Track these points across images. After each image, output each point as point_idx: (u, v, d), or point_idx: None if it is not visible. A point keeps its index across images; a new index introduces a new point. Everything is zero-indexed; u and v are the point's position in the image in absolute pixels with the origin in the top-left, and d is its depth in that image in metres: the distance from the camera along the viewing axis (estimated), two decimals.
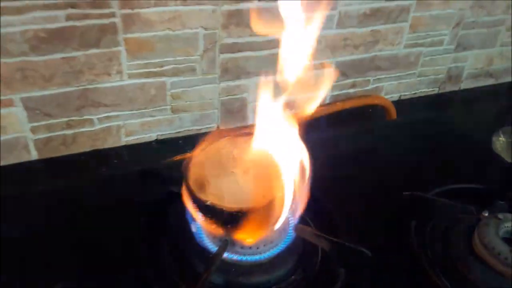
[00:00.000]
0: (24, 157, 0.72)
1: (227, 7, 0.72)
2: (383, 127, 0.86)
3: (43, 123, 0.70)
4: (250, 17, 0.72)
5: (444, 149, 0.79)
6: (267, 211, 0.45)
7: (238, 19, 0.73)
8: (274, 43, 0.79)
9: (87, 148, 0.76)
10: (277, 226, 0.46)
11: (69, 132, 0.73)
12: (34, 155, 0.73)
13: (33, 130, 0.70)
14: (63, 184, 0.67)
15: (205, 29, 0.73)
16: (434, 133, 0.83)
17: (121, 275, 0.50)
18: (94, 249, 0.54)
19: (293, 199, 0.46)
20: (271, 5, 0.73)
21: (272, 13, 0.74)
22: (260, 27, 0.55)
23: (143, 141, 0.80)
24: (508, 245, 0.51)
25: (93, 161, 0.74)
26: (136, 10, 0.67)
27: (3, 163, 0.71)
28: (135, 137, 0.79)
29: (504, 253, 0.51)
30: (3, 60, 0.63)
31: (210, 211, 0.45)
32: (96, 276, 0.51)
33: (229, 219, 0.45)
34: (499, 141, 0.78)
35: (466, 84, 1.05)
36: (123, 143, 0.79)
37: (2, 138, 0.69)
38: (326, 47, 0.84)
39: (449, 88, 1.04)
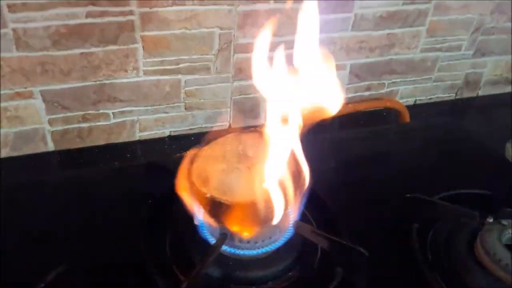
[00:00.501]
0: (41, 148, 0.75)
1: (243, 7, 0.73)
2: (395, 130, 0.86)
3: (60, 115, 0.73)
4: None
5: (456, 154, 0.78)
6: (263, 205, 0.46)
7: (254, 20, 0.75)
8: (288, 44, 0.80)
9: (102, 142, 0.78)
10: (275, 221, 0.47)
11: (85, 125, 0.76)
12: (51, 146, 0.76)
13: (51, 122, 0.73)
14: (76, 175, 0.69)
15: (221, 28, 0.74)
16: (447, 138, 0.82)
17: (122, 263, 0.52)
18: (98, 237, 0.56)
19: (291, 195, 0.47)
20: (285, 6, 0.75)
21: (286, 15, 0.76)
22: None
23: (156, 136, 0.82)
24: (510, 252, 0.51)
25: (107, 154, 0.77)
26: (154, 9, 0.69)
27: (21, 153, 0.74)
28: (149, 133, 0.81)
29: (505, 259, 0.50)
30: (25, 54, 0.66)
31: (208, 203, 0.46)
32: (97, 262, 0.52)
33: (227, 212, 0.46)
34: None
35: (484, 91, 1.04)
36: (137, 138, 0.81)
37: (21, 129, 0.72)
38: (340, 49, 0.84)
39: (467, 94, 1.02)
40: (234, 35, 0.75)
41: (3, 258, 0.52)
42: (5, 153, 0.73)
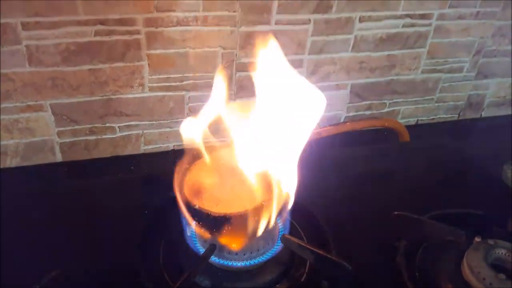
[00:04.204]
0: (50, 159, 0.78)
1: (244, 28, 0.76)
2: (393, 149, 0.87)
3: (68, 128, 0.76)
4: None
5: (454, 174, 0.79)
6: (250, 218, 0.47)
7: (255, 40, 0.77)
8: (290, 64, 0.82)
9: (108, 154, 0.81)
10: (261, 233, 0.49)
11: (92, 138, 0.79)
12: (58, 157, 0.79)
13: (60, 134, 0.77)
14: (81, 185, 0.72)
15: (224, 48, 0.77)
16: (445, 158, 0.83)
17: (115, 272, 0.54)
18: (96, 244, 0.58)
19: (278, 208, 0.49)
20: (286, 28, 0.77)
21: (286, 35, 0.79)
22: None
23: (160, 150, 0.85)
24: (494, 271, 0.52)
25: (112, 166, 0.80)
26: (159, 29, 0.72)
27: (31, 162, 0.77)
28: (153, 146, 0.84)
29: (489, 278, 0.51)
30: (37, 69, 0.70)
31: (197, 215, 0.48)
32: (93, 267, 0.55)
33: (214, 224, 0.48)
34: (510, 171, 0.77)
35: (487, 112, 1.04)
36: (142, 151, 0.84)
37: (31, 140, 0.76)
38: (341, 69, 0.86)
39: (470, 115, 1.03)
40: (236, 55, 0.78)
41: (5, 260, 0.55)
42: (15, 162, 0.77)
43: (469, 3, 0.86)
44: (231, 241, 0.50)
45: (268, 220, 0.48)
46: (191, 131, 0.52)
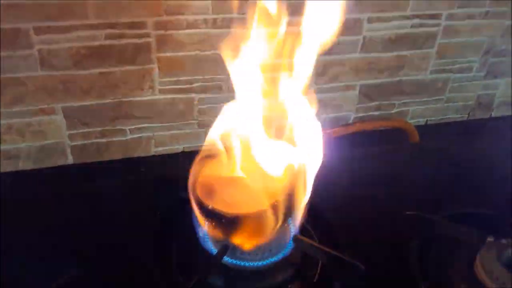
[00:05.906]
0: (61, 161, 0.79)
1: (253, 30, 0.76)
2: (403, 149, 0.87)
3: (80, 131, 0.77)
4: None
5: (465, 174, 0.78)
6: (263, 218, 0.48)
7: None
8: None
9: (119, 156, 0.82)
10: (274, 234, 0.49)
11: (103, 140, 0.80)
12: (70, 160, 0.80)
13: (71, 137, 0.77)
14: (92, 187, 0.72)
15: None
16: (455, 159, 0.83)
17: (128, 273, 0.54)
18: (110, 246, 0.58)
19: (291, 209, 0.49)
20: (295, 29, 0.78)
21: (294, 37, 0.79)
22: None
23: (171, 152, 0.85)
24: (508, 271, 0.51)
25: (123, 168, 0.80)
26: (169, 32, 0.73)
27: (42, 165, 0.78)
28: (164, 148, 0.85)
29: (502, 278, 0.51)
30: (49, 73, 0.71)
31: (211, 215, 0.49)
32: (108, 268, 0.55)
33: (228, 224, 0.48)
34: None
35: (498, 112, 1.04)
36: (152, 153, 0.84)
37: (43, 143, 0.77)
38: (350, 70, 0.86)
39: (480, 115, 1.03)
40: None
41: (16, 263, 0.55)
42: (27, 165, 0.78)
43: (479, 3, 0.86)
44: (244, 242, 0.50)
45: (281, 220, 0.49)
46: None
